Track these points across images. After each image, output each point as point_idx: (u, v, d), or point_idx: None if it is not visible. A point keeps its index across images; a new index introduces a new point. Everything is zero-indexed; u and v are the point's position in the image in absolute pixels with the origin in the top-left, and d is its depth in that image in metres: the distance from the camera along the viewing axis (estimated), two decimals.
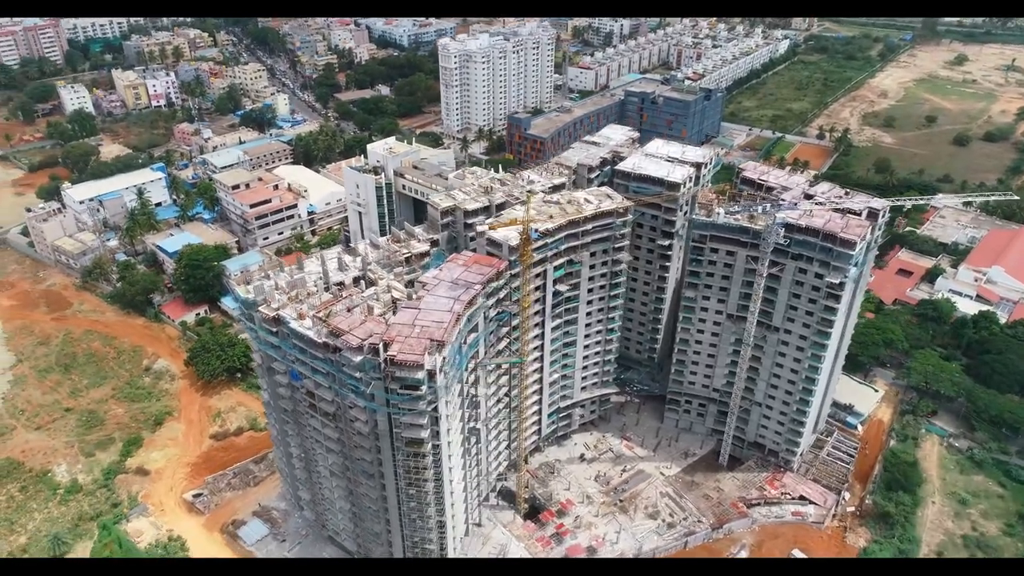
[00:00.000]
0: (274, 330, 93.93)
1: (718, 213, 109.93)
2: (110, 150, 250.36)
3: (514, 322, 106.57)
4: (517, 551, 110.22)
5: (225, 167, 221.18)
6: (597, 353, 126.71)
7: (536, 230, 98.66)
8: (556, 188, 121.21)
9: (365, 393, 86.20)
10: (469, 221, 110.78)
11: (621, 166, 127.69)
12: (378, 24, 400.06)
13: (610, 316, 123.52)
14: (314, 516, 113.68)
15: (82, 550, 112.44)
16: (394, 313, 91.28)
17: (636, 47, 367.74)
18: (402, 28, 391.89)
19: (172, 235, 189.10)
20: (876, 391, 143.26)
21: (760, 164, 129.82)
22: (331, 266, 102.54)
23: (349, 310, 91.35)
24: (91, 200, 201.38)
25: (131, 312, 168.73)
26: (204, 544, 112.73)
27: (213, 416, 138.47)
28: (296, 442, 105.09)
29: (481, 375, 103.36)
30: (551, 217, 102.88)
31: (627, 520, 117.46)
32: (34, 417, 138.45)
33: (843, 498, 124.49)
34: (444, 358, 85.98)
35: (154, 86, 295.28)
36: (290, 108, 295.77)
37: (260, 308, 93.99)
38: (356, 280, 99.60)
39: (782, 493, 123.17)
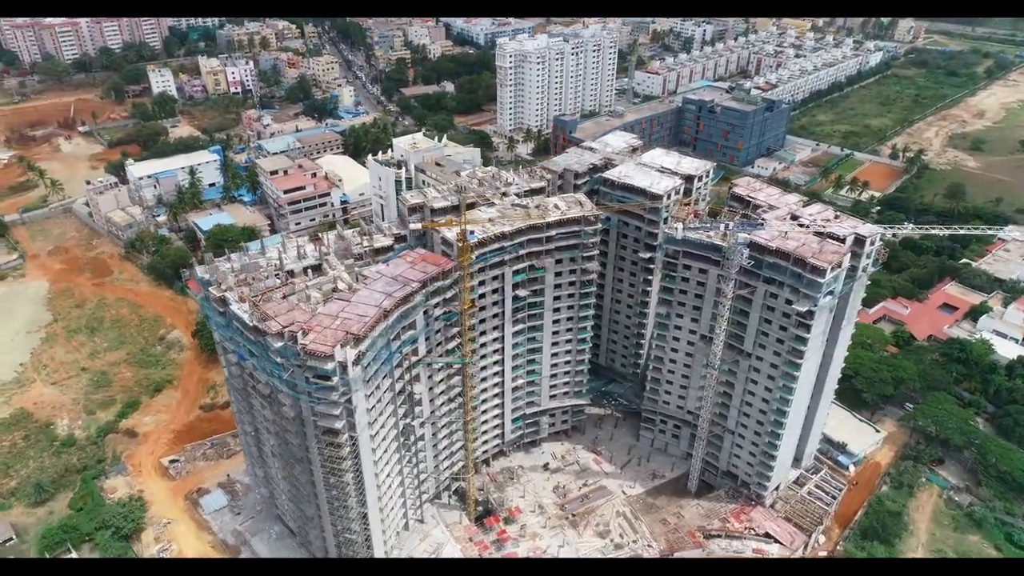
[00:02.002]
0: (221, 310, 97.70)
1: (676, 228, 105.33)
2: (182, 131, 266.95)
3: (468, 323, 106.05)
4: (452, 552, 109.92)
5: (277, 153, 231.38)
6: (567, 363, 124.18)
7: (472, 232, 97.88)
8: (534, 192, 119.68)
9: (284, 379, 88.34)
10: (436, 219, 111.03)
11: (607, 174, 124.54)
12: (457, 22, 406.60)
13: (580, 326, 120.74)
14: (268, 493, 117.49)
15: (63, 499, 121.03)
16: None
17: (713, 54, 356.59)
18: (480, 27, 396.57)
19: (211, 214, 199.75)
20: (878, 431, 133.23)
21: (754, 180, 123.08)
22: (292, 254, 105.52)
23: (285, 297, 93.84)
24: (149, 177, 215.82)
25: (162, 284, 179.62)
26: (166, 507, 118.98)
27: (207, 388, 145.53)
28: (248, 420, 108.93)
29: (423, 373, 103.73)
30: (490, 221, 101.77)
31: (574, 535, 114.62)
32: (53, 373, 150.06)
33: (817, 541, 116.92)
34: (361, 352, 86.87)
35: (233, 73, 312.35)
36: (355, 100, 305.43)
37: (211, 288, 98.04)
38: (306, 269, 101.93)
39: (746, 527, 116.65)
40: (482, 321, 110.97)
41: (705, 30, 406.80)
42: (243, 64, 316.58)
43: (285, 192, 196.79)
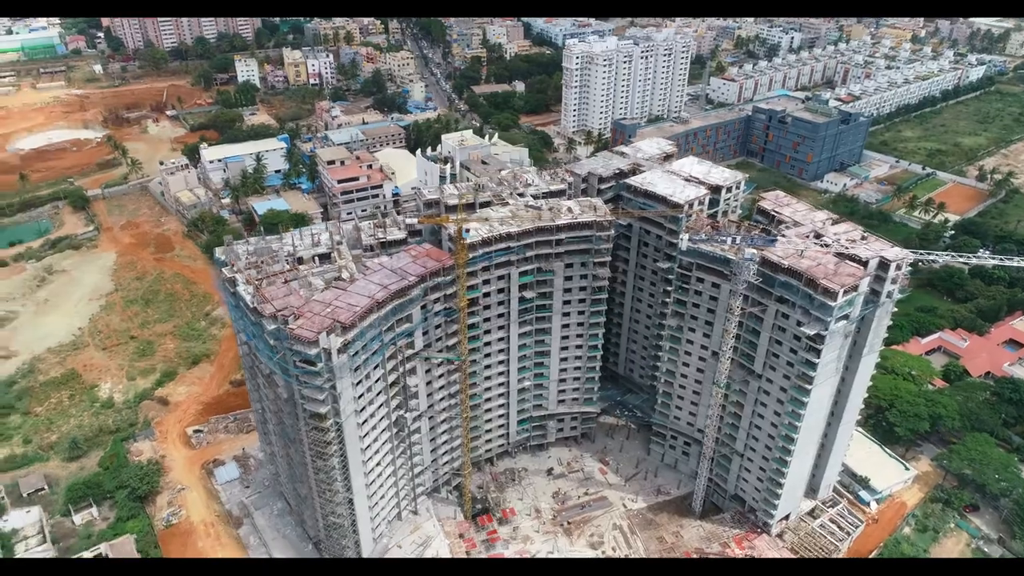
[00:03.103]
0: (231, 291, 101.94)
1: (681, 239, 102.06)
2: (258, 119, 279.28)
3: (469, 320, 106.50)
4: (440, 546, 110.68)
5: (341, 144, 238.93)
6: (577, 368, 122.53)
7: (467, 230, 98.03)
8: (552, 194, 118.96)
9: (276, 361, 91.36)
10: (449, 215, 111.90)
11: (630, 180, 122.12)
12: (538, 22, 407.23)
13: (591, 332, 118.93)
14: (275, 470, 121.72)
15: (94, 456, 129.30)
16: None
17: (796, 62, 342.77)
18: (559, 27, 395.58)
19: (270, 199, 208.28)
20: (907, 468, 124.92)
21: (783, 195, 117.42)
22: (307, 241, 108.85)
23: (287, 282, 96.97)
24: (218, 160, 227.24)
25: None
26: (183, 474, 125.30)
27: (240, 365, 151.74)
28: (256, 398, 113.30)
29: (419, 367, 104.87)
30: (487, 220, 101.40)
31: (566, 544, 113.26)
32: (106, 339, 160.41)
33: None
34: (347, 341, 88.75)
35: (313, 65, 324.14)
36: (426, 96, 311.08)
37: (223, 269, 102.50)
38: (315, 257, 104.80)
39: (747, 555, 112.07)
40: (487, 320, 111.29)
41: (793, 37, 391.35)
42: (323, 57, 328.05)
43: (339, 182, 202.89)
